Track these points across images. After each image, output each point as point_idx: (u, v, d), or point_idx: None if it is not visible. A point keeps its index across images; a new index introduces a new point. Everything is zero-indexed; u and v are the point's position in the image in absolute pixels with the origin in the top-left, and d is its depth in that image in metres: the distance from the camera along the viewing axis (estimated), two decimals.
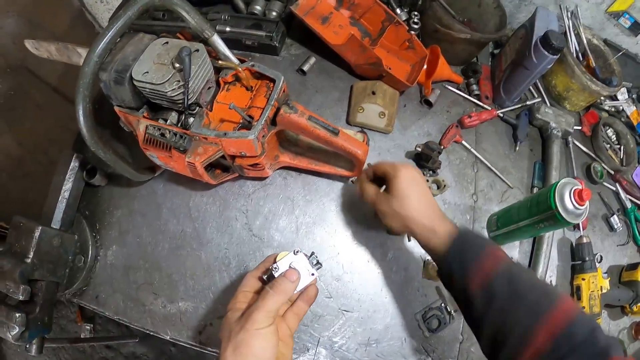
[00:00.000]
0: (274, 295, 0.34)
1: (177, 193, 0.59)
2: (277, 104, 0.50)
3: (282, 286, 0.35)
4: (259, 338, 0.32)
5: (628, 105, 0.82)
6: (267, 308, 0.34)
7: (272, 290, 0.35)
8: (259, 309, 0.33)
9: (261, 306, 0.34)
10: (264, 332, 0.33)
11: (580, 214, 0.50)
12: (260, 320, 0.33)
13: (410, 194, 0.43)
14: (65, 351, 1.08)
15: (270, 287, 0.35)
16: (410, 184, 0.43)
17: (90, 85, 0.45)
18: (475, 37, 0.64)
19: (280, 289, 0.35)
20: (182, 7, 0.49)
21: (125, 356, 1.08)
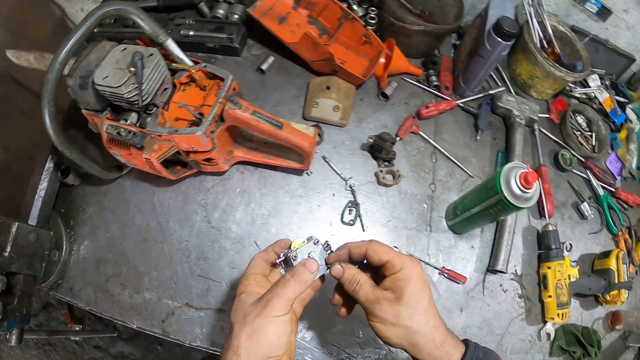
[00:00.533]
0: (295, 285, 0.34)
1: (143, 189, 0.63)
2: (224, 101, 0.52)
3: (303, 276, 0.34)
4: (276, 325, 0.32)
5: (600, 92, 0.80)
6: (287, 296, 0.33)
7: (293, 279, 0.34)
8: (279, 296, 0.33)
9: (281, 293, 0.33)
10: (282, 320, 0.32)
11: (528, 197, 0.50)
12: (280, 307, 0.32)
13: (426, 305, 0.34)
14: (55, 352, 1.12)
15: (291, 275, 0.34)
16: (425, 291, 0.34)
17: (54, 90, 0.49)
18: (428, 29, 0.65)
19: (301, 278, 0.34)
20: (137, 15, 0.53)
21: (113, 356, 1.12)
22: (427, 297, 0.34)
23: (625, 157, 0.79)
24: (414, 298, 0.33)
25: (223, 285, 0.57)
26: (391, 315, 0.33)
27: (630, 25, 0.79)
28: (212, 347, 0.56)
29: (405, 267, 0.35)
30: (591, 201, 0.74)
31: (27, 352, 1.13)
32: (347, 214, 0.60)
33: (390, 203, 0.62)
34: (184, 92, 0.57)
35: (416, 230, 0.62)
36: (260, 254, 0.39)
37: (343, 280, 0.37)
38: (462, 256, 0.63)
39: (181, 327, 0.56)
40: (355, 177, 0.63)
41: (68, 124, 0.69)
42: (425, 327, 0.33)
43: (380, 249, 0.36)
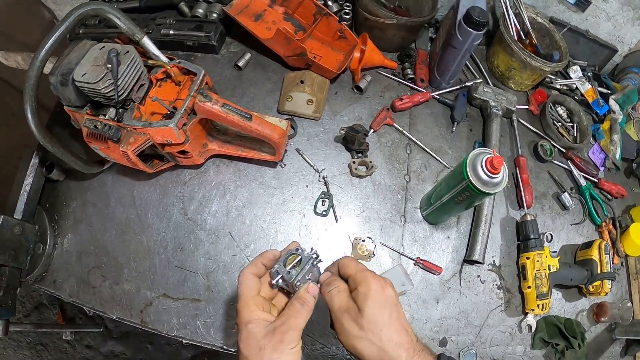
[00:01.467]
0: (305, 314, 0.34)
1: (124, 183, 0.64)
2: (196, 95, 0.54)
3: (311, 304, 0.35)
4: (292, 355, 0.33)
5: (582, 83, 0.80)
6: (300, 327, 0.33)
7: (304, 309, 0.34)
8: (293, 328, 0.33)
9: (295, 325, 0.33)
10: (297, 349, 0.33)
11: (496, 183, 0.50)
12: (294, 339, 0.33)
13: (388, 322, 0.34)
14: (47, 352, 1.14)
15: (301, 304, 0.34)
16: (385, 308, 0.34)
17: (35, 86, 0.51)
18: (401, 22, 0.66)
19: (310, 306, 0.35)
20: (114, 15, 0.55)
21: (104, 355, 1.13)
22: (387, 314, 0.34)
23: (609, 148, 0.78)
24: (373, 313, 0.34)
25: (198, 276, 0.58)
26: (356, 329, 0.34)
27: (610, 16, 0.79)
28: (187, 337, 0.57)
29: (363, 284, 0.35)
30: (573, 192, 0.73)
31: (20, 352, 1.15)
32: (320, 205, 0.61)
33: (363, 194, 0.63)
34: (160, 88, 0.58)
35: (390, 220, 0.62)
36: (250, 270, 0.38)
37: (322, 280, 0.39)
38: (437, 247, 0.63)
39: (158, 317, 0.57)
40: (329, 169, 0.64)
41: (54, 122, 0.72)
42: (388, 344, 0.33)
43: (346, 264, 0.38)
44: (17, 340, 1.14)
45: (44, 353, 1.14)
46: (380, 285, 0.35)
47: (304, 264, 0.37)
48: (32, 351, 1.14)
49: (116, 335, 1.15)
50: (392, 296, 0.35)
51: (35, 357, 1.14)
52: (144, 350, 1.14)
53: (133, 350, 1.13)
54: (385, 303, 0.34)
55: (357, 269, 0.37)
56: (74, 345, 1.14)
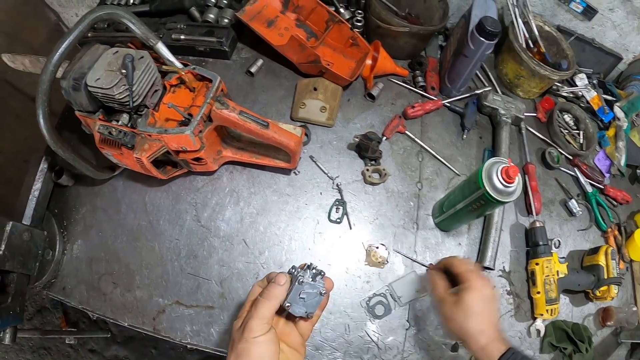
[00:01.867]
0: (265, 302, 0.35)
1: (135, 189, 0.64)
2: (212, 102, 0.54)
3: (271, 292, 0.36)
4: (256, 346, 0.33)
5: (588, 91, 0.81)
6: (260, 315, 0.34)
7: (263, 298, 0.36)
8: (253, 317, 0.34)
9: (254, 314, 0.35)
10: (261, 340, 0.34)
11: (511, 192, 0.50)
12: (256, 328, 0.34)
13: (479, 312, 0.43)
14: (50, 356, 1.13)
15: (261, 295, 0.36)
16: (482, 301, 0.43)
17: (48, 91, 0.51)
18: (413, 30, 0.66)
19: (270, 295, 0.36)
20: (128, 19, 0.55)
21: (108, 359, 1.13)
22: (480, 306, 0.43)
23: (614, 155, 0.79)
24: (469, 306, 0.43)
25: (212, 283, 0.58)
26: (451, 313, 0.44)
27: (616, 24, 0.80)
28: (201, 345, 0.57)
29: (468, 281, 0.44)
30: (579, 198, 0.74)
31: (22, 356, 1.13)
32: (334, 212, 0.61)
33: (376, 201, 0.63)
34: (174, 94, 0.58)
35: (403, 227, 0.63)
36: (259, 282, 0.41)
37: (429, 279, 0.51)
38: (449, 253, 0.63)
39: (171, 325, 0.57)
40: (342, 176, 0.64)
41: (62, 127, 0.71)
42: (474, 329, 0.42)
43: (458, 263, 0.48)
44: (20, 344, 1.13)
45: (47, 357, 1.13)
46: (482, 283, 0.44)
47: (292, 284, 0.37)
48: (35, 355, 1.12)
49: (120, 339, 1.15)
50: (489, 294, 0.44)
51: None
52: (148, 355, 1.13)
53: (137, 354, 1.13)
54: (482, 298, 0.43)
55: (466, 268, 0.46)
56: (77, 350, 1.13)
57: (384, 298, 0.58)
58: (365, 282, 0.59)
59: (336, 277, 0.59)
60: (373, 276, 0.59)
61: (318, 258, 0.59)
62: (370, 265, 0.60)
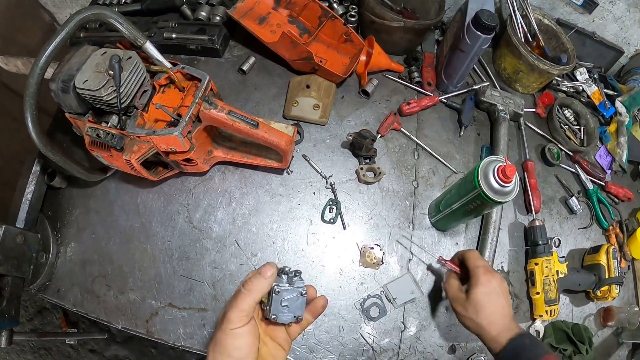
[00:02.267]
0: (246, 295, 0.34)
1: (127, 191, 0.63)
2: (201, 102, 0.53)
3: (253, 285, 0.35)
4: (233, 337, 0.33)
5: (588, 86, 0.79)
6: (240, 307, 0.33)
7: (244, 289, 0.34)
8: (232, 308, 0.34)
9: (234, 305, 0.34)
10: (238, 332, 0.33)
11: (507, 192, 0.49)
12: (234, 320, 0.33)
13: (487, 306, 0.46)
14: (51, 356, 1.13)
15: (242, 285, 0.35)
16: (489, 296, 0.47)
17: (36, 94, 0.50)
18: (408, 24, 0.65)
19: (251, 287, 0.34)
20: (115, 19, 0.53)
21: (108, 359, 1.13)
22: (495, 304, 0.46)
23: (615, 151, 0.77)
24: (481, 302, 0.47)
25: (205, 285, 0.57)
26: (462, 309, 0.49)
27: (617, 17, 0.78)
28: (194, 347, 0.56)
29: (474, 277, 0.48)
30: (580, 196, 0.72)
31: (23, 356, 1.14)
32: (327, 212, 0.60)
33: (371, 200, 0.62)
34: (163, 94, 0.57)
35: (398, 227, 0.62)
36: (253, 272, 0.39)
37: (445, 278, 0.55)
38: (446, 253, 0.62)
39: (165, 327, 0.56)
40: (336, 175, 0.63)
41: (55, 129, 0.71)
42: (484, 322, 0.46)
43: (468, 257, 0.51)
44: (21, 344, 1.13)
45: (48, 357, 1.13)
46: (487, 278, 0.47)
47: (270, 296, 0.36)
48: (36, 355, 1.13)
49: (120, 339, 1.15)
50: (495, 287, 0.47)
51: None
52: (148, 355, 1.13)
53: (137, 354, 1.13)
54: (489, 292, 0.47)
55: (474, 264, 0.49)
56: (78, 350, 1.13)
57: (379, 300, 0.58)
58: (360, 283, 0.58)
59: (330, 279, 0.58)
60: (368, 277, 0.58)
61: (311, 259, 0.58)
62: (364, 266, 0.59)
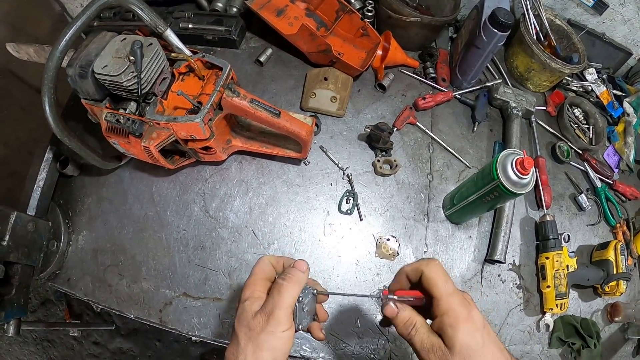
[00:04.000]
0: (289, 288, 0.31)
1: (142, 179, 0.63)
2: (223, 90, 0.53)
3: (295, 276, 0.32)
4: (282, 341, 0.30)
5: (597, 86, 0.81)
6: (287, 303, 0.31)
7: (286, 282, 0.32)
8: (279, 306, 0.31)
9: (279, 302, 0.31)
10: (286, 335, 0.31)
11: (525, 184, 0.50)
12: (282, 319, 0.30)
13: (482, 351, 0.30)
14: (54, 348, 1.12)
15: (283, 279, 0.32)
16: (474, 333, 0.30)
17: (54, 78, 0.50)
18: (425, 20, 0.66)
19: (294, 279, 0.32)
20: (137, 5, 0.53)
21: (112, 352, 1.12)
22: (478, 339, 0.30)
23: (623, 150, 0.79)
24: (466, 346, 0.30)
25: (220, 274, 0.57)
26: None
27: (626, 19, 0.80)
28: (209, 337, 0.56)
29: (449, 313, 0.31)
30: (589, 193, 0.74)
31: (26, 348, 1.13)
32: (344, 203, 0.61)
33: (387, 192, 0.63)
34: (182, 82, 0.57)
35: (414, 219, 0.62)
36: (270, 257, 0.36)
37: (397, 322, 0.33)
38: (459, 246, 0.63)
39: (178, 317, 0.56)
40: (353, 167, 0.63)
41: (67, 117, 0.70)
42: None
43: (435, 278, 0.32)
44: (23, 336, 1.12)
45: (51, 350, 1.11)
46: (467, 310, 0.31)
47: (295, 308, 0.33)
48: (39, 347, 1.11)
49: (124, 332, 1.14)
50: (479, 318, 0.31)
51: (41, 354, 1.11)
52: (152, 347, 1.12)
53: (141, 347, 1.12)
54: (475, 329, 0.31)
55: (445, 291, 0.32)
56: (81, 342, 1.12)
57: None
58: (376, 274, 0.58)
59: (346, 269, 0.58)
60: (383, 268, 0.59)
61: (328, 250, 0.58)
62: (380, 257, 0.59)
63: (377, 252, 0.59)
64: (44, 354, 1.12)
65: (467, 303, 0.32)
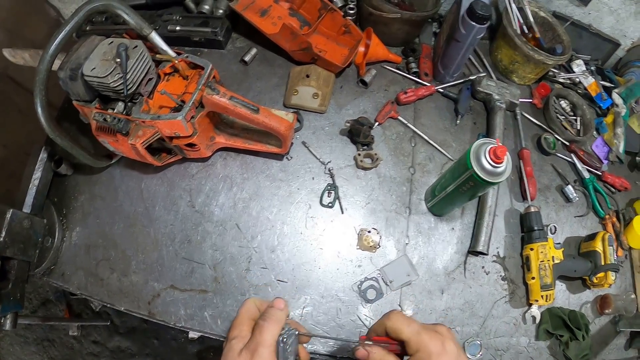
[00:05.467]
0: (270, 326, 0.33)
1: (132, 177, 0.65)
2: (204, 88, 0.55)
3: (274, 315, 0.34)
4: None
5: (585, 77, 0.80)
6: (269, 342, 0.33)
7: (266, 322, 0.34)
8: (261, 344, 0.32)
9: (262, 341, 0.32)
10: None
11: (499, 172, 0.50)
12: (267, 357, 0.32)
13: None
14: (54, 348, 1.14)
15: (263, 319, 0.34)
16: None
17: (45, 81, 0.52)
18: (405, 16, 0.67)
19: (273, 318, 0.34)
20: (122, 10, 0.56)
21: (111, 350, 1.14)
22: None
23: (612, 141, 0.78)
24: None
25: (206, 267, 0.59)
26: None
27: (613, 10, 0.79)
28: (195, 328, 0.57)
29: (422, 349, 0.32)
30: (576, 184, 0.73)
31: (27, 348, 1.16)
32: (326, 196, 0.62)
33: (369, 186, 0.64)
34: (168, 82, 0.59)
35: (395, 212, 0.63)
36: (254, 299, 0.38)
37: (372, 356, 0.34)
38: (442, 238, 0.63)
39: (166, 309, 0.58)
40: (334, 161, 0.64)
41: (62, 119, 0.73)
42: None
43: (398, 326, 0.34)
44: (24, 336, 1.15)
45: (51, 349, 1.14)
46: (440, 343, 0.33)
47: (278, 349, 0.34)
48: (39, 347, 1.14)
49: (122, 330, 1.16)
50: (453, 350, 0.33)
51: (42, 353, 1.14)
52: (150, 346, 1.15)
53: (139, 345, 1.14)
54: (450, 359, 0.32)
55: (411, 332, 0.33)
56: (81, 341, 1.15)
57: (376, 282, 0.59)
58: (357, 266, 0.59)
59: (328, 261, 0.59)
60: (365, 260, 0.60)
61: (310, 242, 0.60)
62: (362, 250, 0.60)
63: (359, 244, 0.60)
64: (44, 353, 1.15)
65: (440, 336, 0.33)
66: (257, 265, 0.58)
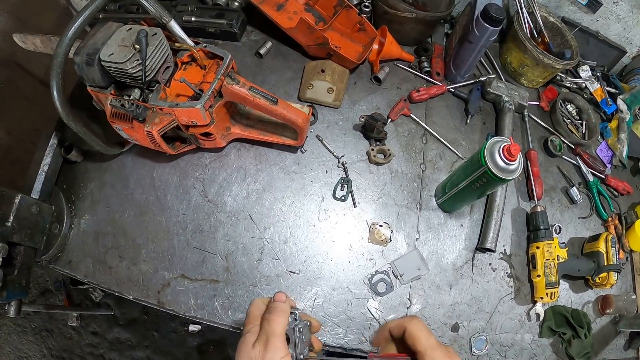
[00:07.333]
0: (276, 318, 0.35)
1: (143, 165, 0.65)
2: (223, 78, 0.55)
3: (278, 307, 0.36)
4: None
5: (591, 83, 0.82)
6: (278, 331, 0.34)
7: (272, 314, 0.35)
8: (272, 334, 0.34)
9: (271, 331, 0.34)
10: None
11: (512, 170, 0.51)
12: (280, 347, 0.33)
13: None
14: (52, 338, 1.13)
15: (268, 312, 0.36)
16: None
17: (62, 64, 0.52)
18: (420, 16, 0.68)
19: (277, 310, 0.36)
20: None
21: (110, 341, 1.13)
22: None
23: (616, 146, 0.80)
24: None
25: (217, 257, 0.59)
26: None
27: (620, 17, 0.81)
28: (205, 318, 0.57)
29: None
30: (581, 187, 0.75)
31: (25, 337, 1.14)
32: (339, 190, 0.62)
33: (381, 181, 0.64)
34: (185, 71, 0.59)
35: (406, 207, 0.64)
36: (260, 299, 0.40)
37: None
38: (451, 234, 0.64)
39: (176, 298, 0.57)
40: (348, 155, 0.65)
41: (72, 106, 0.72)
42: None
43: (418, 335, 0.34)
44: (22, 325, 1.14)
45: (49, 339, 1.13)
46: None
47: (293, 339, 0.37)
48: (37, 337, 1.13)
49: (122, 322, 1.15)
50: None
51: (40, 343, 1.13)
52: (149, 338, 1.14)
53: (139, 337, 1.13)
54: None
55: (428, 345, 0.34)
56: (80, 332, 1.13)
57: (386, 276, 0.59)
58: (368, 259, 0.60)
59: (340, 254, 0.60)
60: (376, 254, 0.60)
61: (322, 235, 0.60)
62: (373, 243, 0.61)
63: (370, 238, 0.61)
64: (42, 343, 1.13)
65: (451, 355, 0.34)
66: (269, 256, 0.58)
